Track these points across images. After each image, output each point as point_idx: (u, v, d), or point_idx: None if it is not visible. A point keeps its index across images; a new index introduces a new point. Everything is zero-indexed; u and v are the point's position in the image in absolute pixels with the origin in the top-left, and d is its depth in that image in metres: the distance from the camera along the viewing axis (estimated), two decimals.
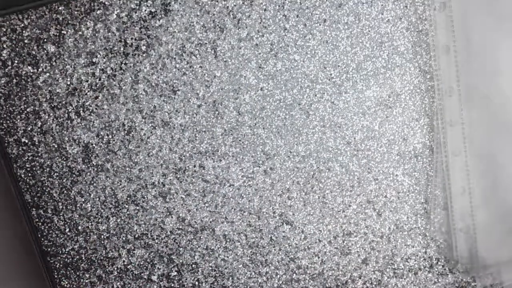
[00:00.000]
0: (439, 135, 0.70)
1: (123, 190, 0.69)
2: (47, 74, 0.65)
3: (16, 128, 0.67)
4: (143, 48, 0.65)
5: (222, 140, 0.69)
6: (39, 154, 0.68)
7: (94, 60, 0.65)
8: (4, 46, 0.64)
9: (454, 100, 0.69)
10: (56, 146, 0.68)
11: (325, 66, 0.68)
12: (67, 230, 0.70)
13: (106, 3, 0.64)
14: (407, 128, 0.70)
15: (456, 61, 0.67)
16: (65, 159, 0.68)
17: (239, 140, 0.69)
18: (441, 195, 0.72)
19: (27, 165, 0.68)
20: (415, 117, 0.70)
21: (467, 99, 0.69)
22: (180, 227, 0.71)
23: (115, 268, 0.72)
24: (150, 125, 0.67)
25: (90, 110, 0.67)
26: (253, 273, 0.73)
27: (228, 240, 0.72)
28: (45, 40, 0.64)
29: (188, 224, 0.71)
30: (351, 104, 0.69)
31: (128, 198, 0.70)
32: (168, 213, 0.70)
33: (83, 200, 0.69)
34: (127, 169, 0.69)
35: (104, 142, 0.68)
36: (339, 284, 0.74)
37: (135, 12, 0.65)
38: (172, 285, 0.73)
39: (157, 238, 0.71)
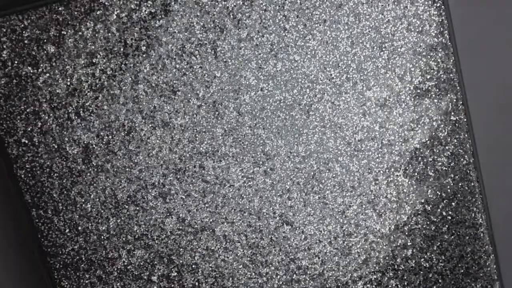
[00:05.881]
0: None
1: (123, 191, 0.69)
2: (47, 74, 0.65)
3: (16, 129, 0.67)
4: (143, 48, 0.65)
5: (222, 141, 0.69)
6: (39, 155, 0.68)
7: (94, 61, 0.65)
8: (4, 46, 0.64)
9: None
10: (56, 146, 0.68)
11: (325, 67, 0.68)
12: (67, 230, 0.70)
13: (106, 3, 0.64)
14: (407, 128, 0.70)
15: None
16: (65, 159, 0.68)
17: (239, 141, 0.69)
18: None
19: (27, 166, 0.68)
20: (415, 117, 0.70)
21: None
22: (180, 227, 0.71)
23: (115, 269, 0.72)
24: (150, 125, 0.67)
25: (90, 111, 0.67)
26: (253, 274, 0.73)
27: (228, 241, 0.72)
28: (45, 40, 0.64)
29: (188, 224, 0.71)
30: (352, 105, 0.69)
31: (128, 199, 0.70)
32: (168, 214, 0.70)
33: (83, 200, 0.69)
34: (127, 169, 0.69)
35: (104, 142, 0.68)
36: (339, 284, 0.74)
37: (135, 13, 0.65)
38: (172, 285, 0.73)
39: (157, 239, 0.71)
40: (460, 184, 0.72)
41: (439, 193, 0.72)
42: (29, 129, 0.67)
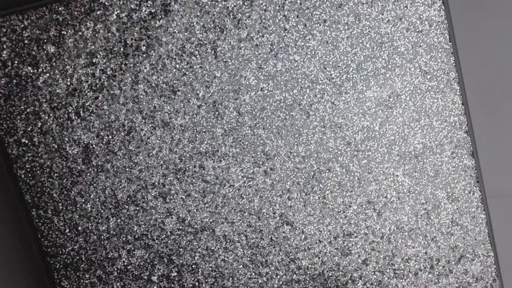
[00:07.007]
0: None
1: (123, 191, 0.69)
2: (47, 74, 0.65)
3: (16, 129, 0.67)
4: (143, 48, 0.65)
5: (222, 141, 0.69)
6: (39, 155, 0.68)
7: (94, 61, 0.65)
8: (4, 46, 0.64)
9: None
10: (56, 146, 0.68)
11: (325, 67, 0.68)
12: (67, 230, 0.70)
13: (106, 3, 0.64)
14: (407, 128, 0.70)
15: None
16: (65, 159, 0.68)
17: (239, 141, 0.69)
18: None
19: (27, 166, 0.68)
20: (415, 117, 0.70)
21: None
22: (180, 227, 0.71)
23: (115, 269, 0.72)
24: (150, 125, 0.67)
25: (90, 111, 0.67)
26: (253, 274, 0.73)
27: (228, 241, 0.72)
28: (45, 40, 0.64)
29: (188, 224, 0.71)
30: (351, 105, 0.69)
31: (128, 199, 0.70)
32: (168, 214, 0.70)
33: (83, 200, 0.69)
34: (127, 169, 0.69)
35: (104, 142, 0.68)
36: (339, 284, 0.74)
37: (135, 13, 0.65)
38: (172, 285, 0.73)
39: (157, 239, 0.71)
40: (460, 184, 0.72)
41: (439, 193, 0.72)
42: (29, 129, 0.67)
